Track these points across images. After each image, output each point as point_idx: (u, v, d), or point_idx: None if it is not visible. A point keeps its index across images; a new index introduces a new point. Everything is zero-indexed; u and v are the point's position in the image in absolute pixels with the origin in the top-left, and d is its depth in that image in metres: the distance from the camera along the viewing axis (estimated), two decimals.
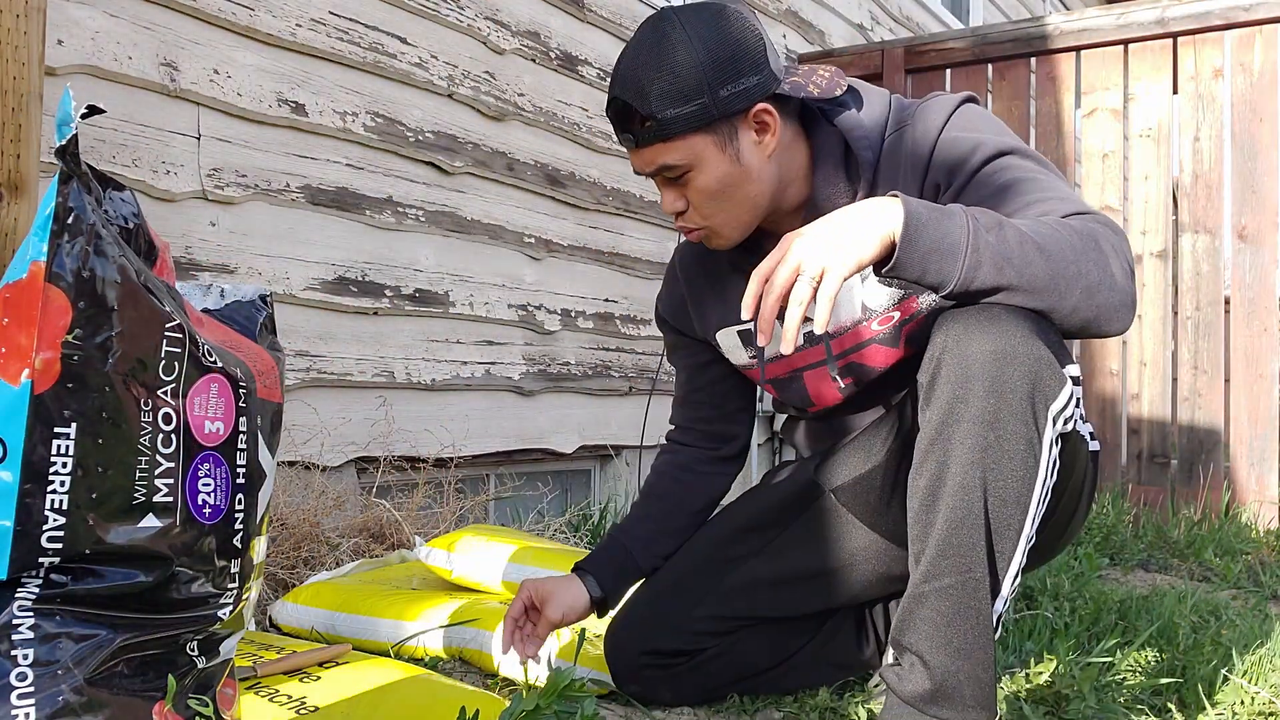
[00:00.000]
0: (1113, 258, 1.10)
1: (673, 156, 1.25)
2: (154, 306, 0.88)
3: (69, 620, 0.85)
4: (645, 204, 3.42)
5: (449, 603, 1.71)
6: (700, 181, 1.27)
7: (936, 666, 1.07)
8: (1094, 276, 1.08)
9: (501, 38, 2.85)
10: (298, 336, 2.31)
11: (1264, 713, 1.45)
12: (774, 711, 1.47)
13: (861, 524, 1.43)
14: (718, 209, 1.30)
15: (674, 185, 1.30)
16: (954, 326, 1.08)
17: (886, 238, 1.05)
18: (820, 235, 1.07)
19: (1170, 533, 2.94)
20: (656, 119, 1.22)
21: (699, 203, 1.29)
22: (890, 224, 1.05)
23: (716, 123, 1.24)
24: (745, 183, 1.28)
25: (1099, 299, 1.09)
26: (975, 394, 1.05)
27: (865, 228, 1.06)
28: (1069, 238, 1.08)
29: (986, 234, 1.05)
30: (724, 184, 1.27)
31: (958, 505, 1.06)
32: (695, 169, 1.26)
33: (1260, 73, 3.19)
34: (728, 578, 1.47)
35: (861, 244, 1.05)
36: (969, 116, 1.29)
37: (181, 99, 2.09)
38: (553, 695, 1.21)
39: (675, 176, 1.28)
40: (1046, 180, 1.20)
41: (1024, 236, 1.07)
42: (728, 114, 1.24)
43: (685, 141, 1.24)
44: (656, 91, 1.21)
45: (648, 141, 1.25)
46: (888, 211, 1.06)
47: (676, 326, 1.57)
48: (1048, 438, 1.08)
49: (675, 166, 1.26)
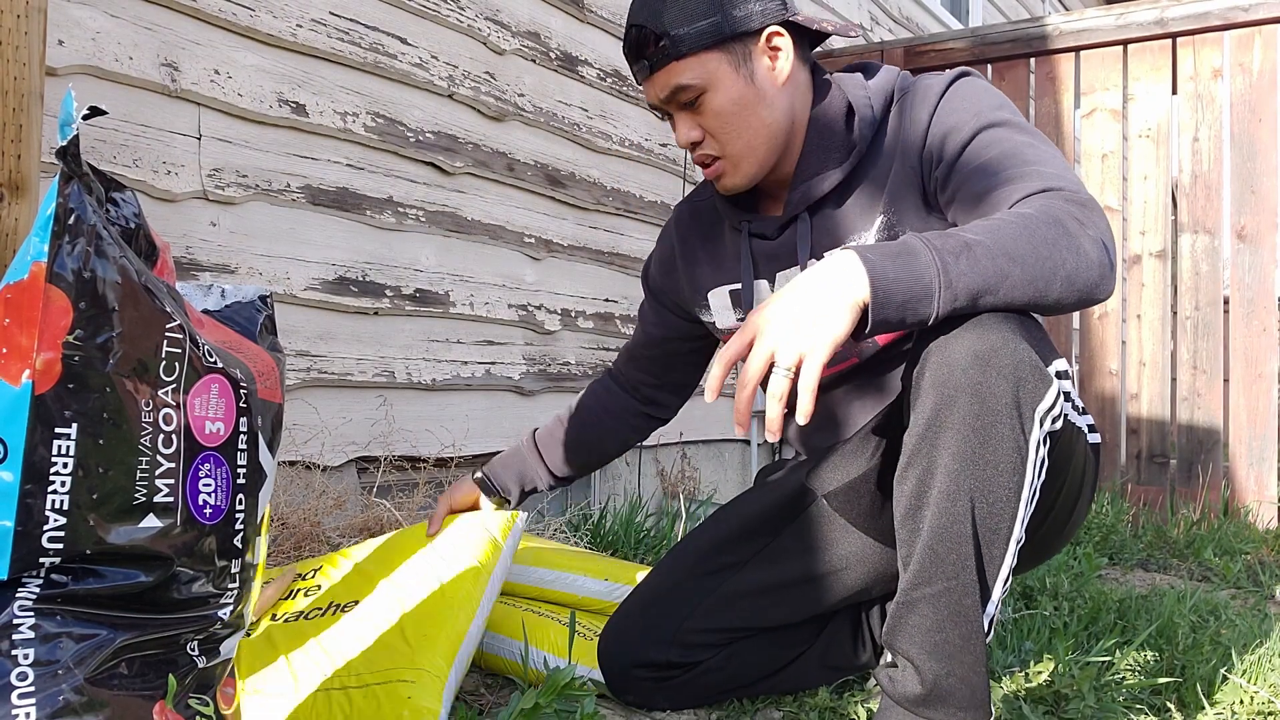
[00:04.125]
0: (1082, 236, 1.09)
1: (687, 75, 1.27)
2: (155, 307, 0.88)
3: (69, 620, 0.86)
4: (645, 204, 3.43)
5: None
6: (715, 102, 1.28)
7: (928, 671, 1.07)
8: (1070, 263, 1.07)
9: (502, 38, 2.85)
10: (298, 336, 2.32)
11: (1263, 712, 1.45)
12: (774, 711, 1.47)
13: (855, 529, 1.43)
14: (734, 135, 1.30)
15: (689, 113, 1.31)
16: (939, 329, 1.07)
17: (857, 306, 1.02)
18: (788, 315, 1.03)
19: (1169, 532, 2.94)
20: (670, 36, 1.25)
21: (715, 127, 1.30)
22: (858, 291, 1.02)
23: (729, 41, 1.26)
24: (759, 105, 1.30)
25: (1079, 282, 1.09)
26: (959, 401, 1.04)
27: (833, 301, 1.02)
28: (1037, 231, 1.07)
29: (956, 263, 1.03)
30: (739, 104, 1.28)
31: (943, 512, 1.06)
32: (710, 89, 1.28)
33: (1259, 73, 3.19)
34: (720, 587, 1.45)
35: (834, 320, 1.02)
36: (968, 88, 1.29)
37: (182, 99, 2.09)
38: (552, 694, 1.22)
39: (690, 100, 1.29)
40: (1030, 152, 1.20)
41: (992, 251, 1.05)
42: (740, 33, 1.26)
43: (698, 59, 1.26)
44: (671, 12, 1.25)
45: (662, 63, 1.27)
46: (851, 275, 1.02)
47: (660, 287, 1.60)
48: (1034, 440, 1.06)
49: (690, 87, 1.28)
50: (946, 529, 1.06)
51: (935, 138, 1.27)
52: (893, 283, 1.02)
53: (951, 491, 1.05)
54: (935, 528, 1.06)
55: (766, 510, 1.50)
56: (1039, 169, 1.17)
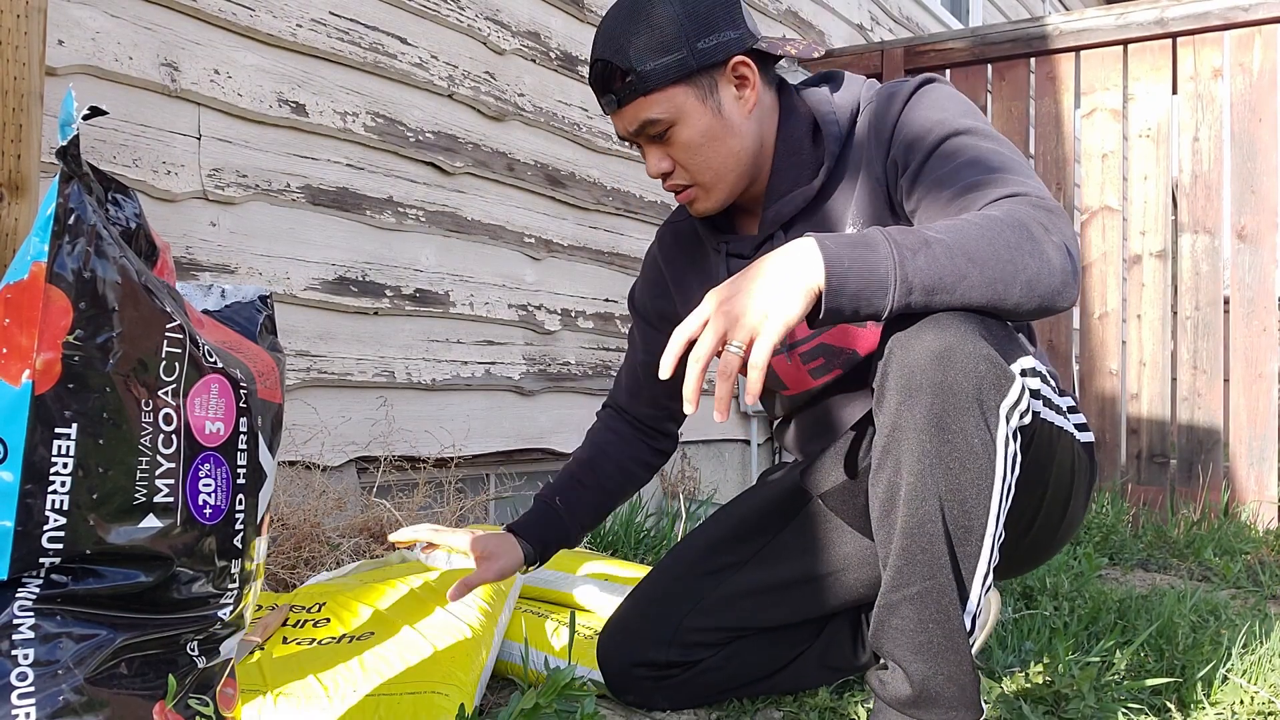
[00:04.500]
0: (1046, 241, 1.08)
1: (655, 110, 1.27)
2: (155, 307, 0.88)
3: (69, 620, 0.86)
4: (645, 204, 3.43)
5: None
6: (684, 135, 1.28)
7: (915, 672, 1.07)
8: (1031, 268, 1.07)
9: (501, 38, 2.85)
10: (298, 336, 2.32)
11: (1263, 712, 1.45)
12: (774, 711, 1.47)
13: (851, 529, 1.43)
14: (704, 164, 1.31)
15: (658, 145, 1.31)
16: (900, 328, 1.07)
17: (811, 290, 1.02)
18: (742, 295, 1.04)
19: (1169, 532, 2.94)
20: (637, 72, 1.25)
21: (685, 159, 1.31)
22: (812, 276, 1.02)
23: (696, 75, 1.26)
24: (727, 136, 1.30)
25: (1040, 288, 1.08)
26: (920, 399, 1.04)
27: (787, 284, 1.02)
28: (1001, 234, 1.06)
29: (913, 258, 1.03)
30: (707, 136, 1.29)
31: (913, 512, 1.05)
32: (678, 122, 1.28)
33: (1259, 73, 3.19)
34: (718, 588, 1.46)
35: (787, 303, 1.02)
36: (932, 95, 1.29)
37: (182, 99, 2.09)
38: (552, 694, 1.22)
39: (659, 134, 1.29)
40: (996, 159, 1.20)
41: (952, 250, 1.05)
42: (706, 65, 1.26)
43: (666, 94, 1.26)
44: (636, 47, 1.24)
45: (630, 98, 1.27)
46: (808, 262, 1.03)
47: (653, 310, 1.57)
48: (1001, 435, 1.06)
49: (658, 121, 1.28)
50: (918, 529, 1.06)
51: (900, 145, 1.27)
52: (848, 272, 1.02)
53: (920, 491, 1.05)
54: (906, 529, 1.06)
55: (764, 510, 1.50)
56: (1005, 175, 1.17)
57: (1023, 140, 3.65)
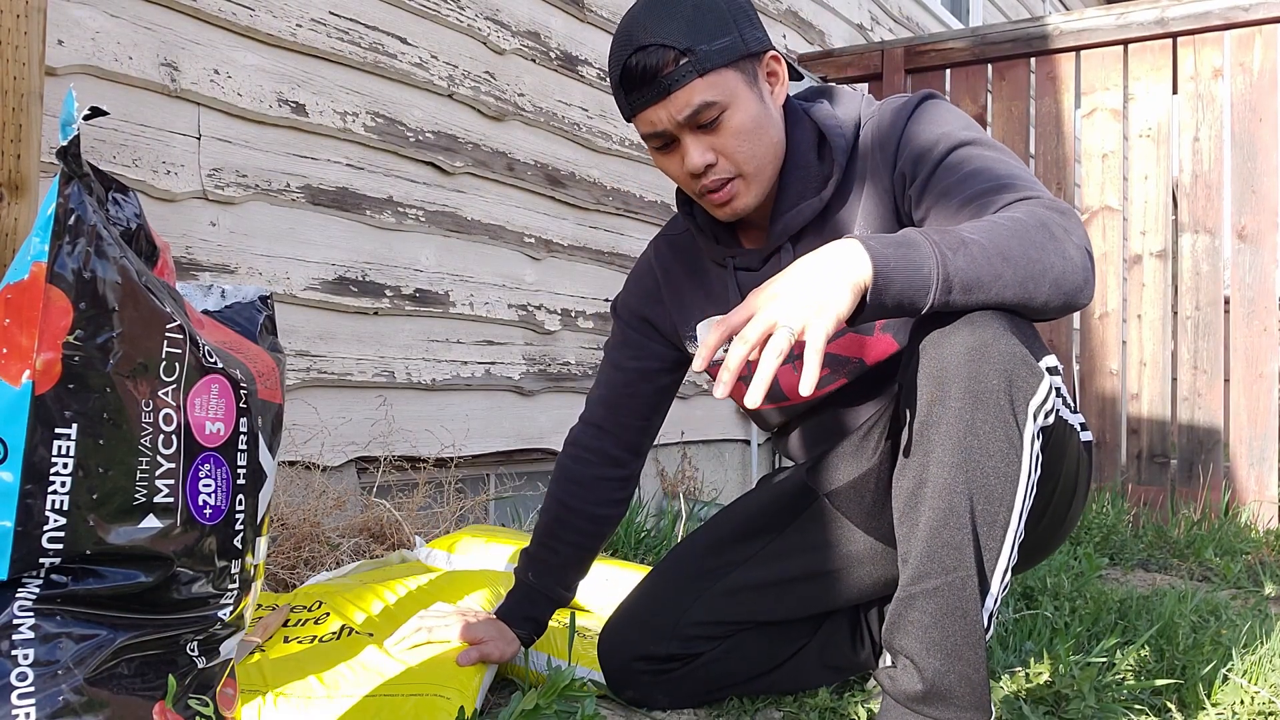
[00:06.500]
0: (1066, 241, 1.11)
1: (712, 93, 1.23)
2: (155, 307, 0.88)
3: (69, 620, 0.85)
4: (645, 204, 3.43)
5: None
6: (735, 120, 1.26)
7: (927, 668, 1.07)
8: (1057, 267, 1.09)
9: (501, 38, 2.85)
10: (298, 336, 2.32)
11: (1263, 712, 1.45)
12: (774, 711, 1.47)
13: (857, 528, 1.43)
14: (750, 154, 1.28)
15: (703, 135, 1.26)
16: (930, 325, 1.08)
17: (859, 286, 1.02)
18: (790, 291, 1.03)
19: (1170, 532, 2.94)
20: (695, 53, 1.21)
21: (733, 147, 1.27)
22: (859, 273, 1.02)
23: (743, 60, 1.26)
24: (769, 125, 1.29)
25: (1066, 285, 1.10)
26: (952, 395, 1.05)
27: (836, 280, 1.02)
28: (1028, 234, 1.08)
29: (954, 256, 1.04)
30: (756, 122, 1.27)
31: (941, 507, 1.06)
32: (731, 106, 1.25)
33: (1260, 73, 3.19)
34: (721, 583, 1.46)
35: (837, 296, 1.02)
36: (935, 110, 1.31)
37: (182, 99, 2.09)
38: (552, 695, 1.22)
39: (710, 121, 1.25)
40: (1002, 167, 1.21)
41: (987, 249, 1.06)
42: (751, 53, 1.26)
43: (721, 76, 1.24)
44: (691, 28, 1.22)
45: (684, 80, 1.22)
46: (854, 259, 1.03)
47: (645, 316, 1.52)
48: (1029, 434, 1.07)
49: (713, 105, 1.24)
50: (945, 522, 1.06)
51: (907, 159, 1.27)
52: (894, 270, 1.03)
53: (949, 484, 1.06)
54: (933, 521, 1.06)
55: (769, 508, 1.50)
56: (1014, 181, 1.18)
57: (1023, 140, 3.65)
